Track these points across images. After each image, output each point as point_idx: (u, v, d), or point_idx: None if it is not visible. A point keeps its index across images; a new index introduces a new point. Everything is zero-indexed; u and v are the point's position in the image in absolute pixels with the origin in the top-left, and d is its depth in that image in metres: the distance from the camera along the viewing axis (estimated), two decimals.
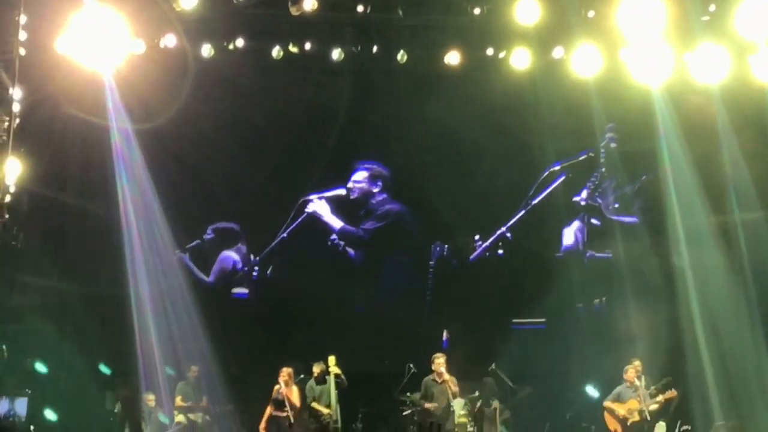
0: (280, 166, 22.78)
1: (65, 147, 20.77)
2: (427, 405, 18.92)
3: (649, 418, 18.92)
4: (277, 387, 19.27)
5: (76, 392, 20.75)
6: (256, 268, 23.35)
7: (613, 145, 22.46)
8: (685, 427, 19.83)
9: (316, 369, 19.82)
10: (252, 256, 23.34)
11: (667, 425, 19.37)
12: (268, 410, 19.49)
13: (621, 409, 19.16)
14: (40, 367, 21.06)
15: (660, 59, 19.16)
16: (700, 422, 19.82)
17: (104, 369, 21.57)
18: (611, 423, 19.32)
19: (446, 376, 18.99)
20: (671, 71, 19.39)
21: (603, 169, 22.72)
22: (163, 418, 20.27)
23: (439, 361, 19.12)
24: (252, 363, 21.65)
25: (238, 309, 23.14)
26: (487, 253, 23.41)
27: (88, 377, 20.95)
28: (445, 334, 22.60)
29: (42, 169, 20.05)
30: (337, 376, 19.62)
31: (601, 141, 22.39)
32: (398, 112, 22.82)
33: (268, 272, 23.44)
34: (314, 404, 19.66)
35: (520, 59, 20.01)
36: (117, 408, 20.77)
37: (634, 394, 19.01)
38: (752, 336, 20.50)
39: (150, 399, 20.19)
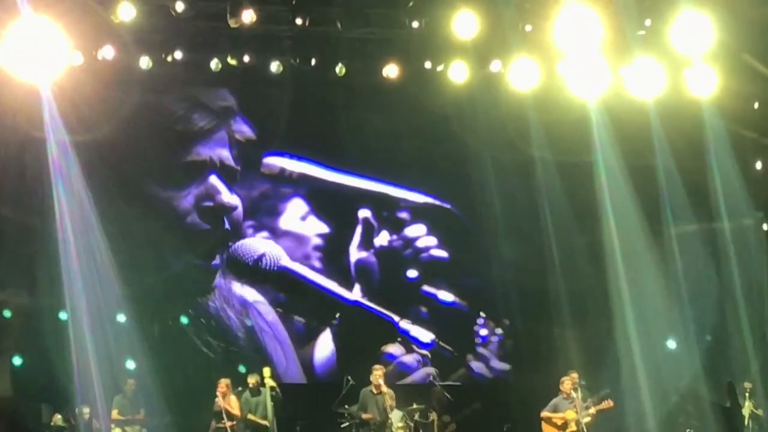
0: None
1: (1, 158, 20.54)
2: (365, 416, 18.93)
3: (585, 430, 19.05)
4: (216, 399, 19.26)
5: None
6: None
7: None
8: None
9: (251, 380, 19.81)
10: None
11: None
12: (213, 425, 19.44)
13: (558, 420, 19.30)
14: None
15: (596, 73, 19.33)
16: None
17: None
18: None
19: (384, 388, 19.01)
20: (607, 85, 19.57)
21: None
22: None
23: (378, 373, 19.13)
24: (190, 375, 21.56)
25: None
26: None
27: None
28: None
29: None
30: (272, 388, 19.63)
31: None
32: (334, 124, 22.88)
33: None
34: (250, 416, 19.64)
35: (458, 72, 20.10)
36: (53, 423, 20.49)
37: (571, 405, 19.13)
38: (686, 348, 20.74)
39: (86, 412, 19.99)
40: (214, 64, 20.23)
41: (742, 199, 21.12)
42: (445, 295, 23.53)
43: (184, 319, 22.83)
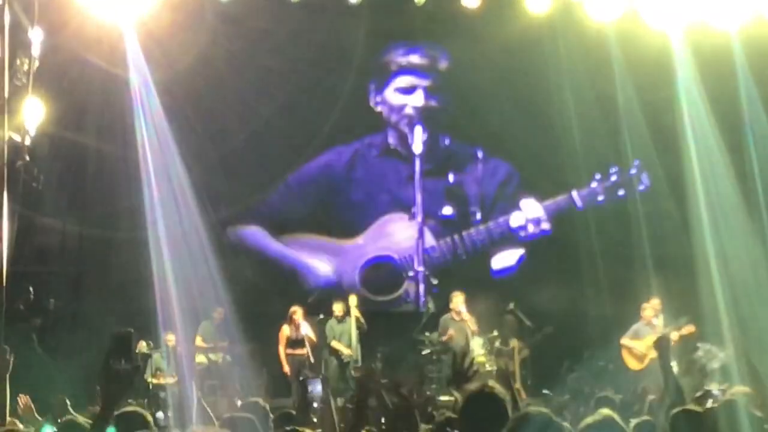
0: (297, 109, 22.76)
1: (84, 90, 20.74)
2: (445, 337, 19.00)
3: None
4: (287, 326, 19.46)
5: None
6: None
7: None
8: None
9: (337, 308, 19.99)
10: None
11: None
12: (283, 351, 19.63)
13: (640, 346, 19.26)
14: None
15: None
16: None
17: None
18: (629, 361, 19.45)
19: (464, 315, 19.07)
20: (689, 15, 19.42)
21: None
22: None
23: (458, 299, 19.20)
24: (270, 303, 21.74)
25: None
26: None
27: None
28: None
29: (61, 112, 20.11)
30: (357, 318, 19.80)
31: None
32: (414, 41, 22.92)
33: None
34: (334, 343, 19.83)
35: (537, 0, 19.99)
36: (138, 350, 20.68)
37: (652, 331, 19.07)
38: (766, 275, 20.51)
39: (170, 339, 20.22)
40: None
41: None
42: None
43: None
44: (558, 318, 21.04)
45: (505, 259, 23.15)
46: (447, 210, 23.02)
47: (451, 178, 23.27)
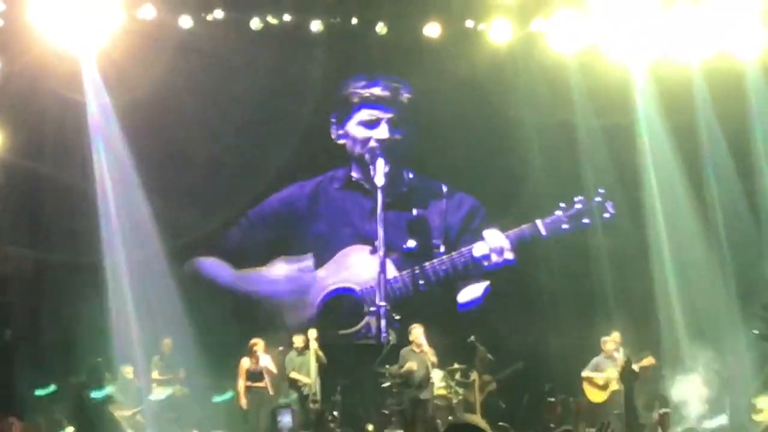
0: (259, 139, 22.64)
1: (42, 118, 20.54)
2: (406, 367, 18.90)
3: None
4: (247, 359, 19.39)
5: None
6: None
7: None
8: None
9: (297, 341, 19.94)
10: None
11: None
12: (242, 384, 19.52)
13: (599, 379, 19.26)
14: None
15: (637, 35, 19.29)
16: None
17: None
18: (591, 393, 19.45)
19: (425, 347, 18.99)
20: (650, 47, 19.52)
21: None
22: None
23: (417, 332, 19.11)
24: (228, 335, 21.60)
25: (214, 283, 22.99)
26: None
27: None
28: None
29: (19, 140, 20.01)
30: (316, 352, 19.75)
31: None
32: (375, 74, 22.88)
33: None
34: (293, 374, 19.76)
35: (499, 31, 20.00)
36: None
37: (612, 364, 19.10)
38: (728, 310, 20.61)
39: (127, 371, 20.01)
40: (255, 23, 20.19)
41: None
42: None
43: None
44: (521, 350, 21.04)
45: (471, 292, 23.02)
46: (410, 243, 22.91)
47: (414, 211, 23.16)
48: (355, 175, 23.17)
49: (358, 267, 22.92)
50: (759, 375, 19.09)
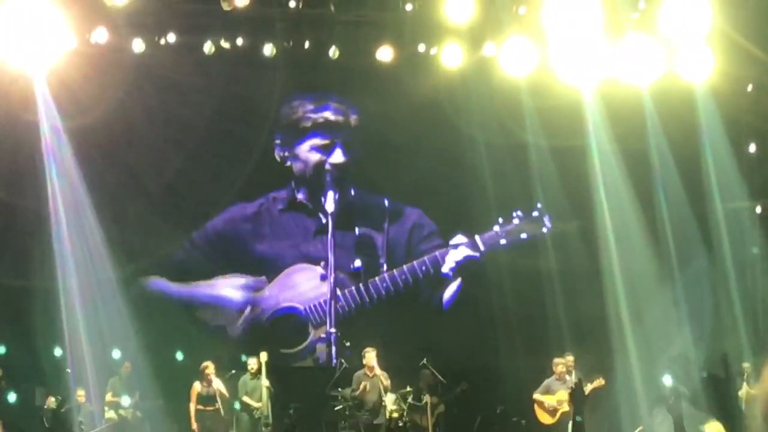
0: (213, 161, 22.68)
1: None
2: (360, 388, 18.97)
3: None
4: (199, 383, 19.37)
5: None
6: None
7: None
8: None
9: (252, 363, 19.91)
10: None
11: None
12: (193, 408, 19.49)
13: (551, 401, 19.35)
14: None
15: (589, 58, 19.37)
16: (627, 417, 19.93)
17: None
18: (541, 415, 19.53)
19: (377, 371, 19.06)
20: (601, 70, 19.62)
21: None
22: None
23: (370, 356, 19.19)
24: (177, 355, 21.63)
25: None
26: None
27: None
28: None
29: None
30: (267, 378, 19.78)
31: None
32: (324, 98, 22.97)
33: None
34: (245, 398, 19.77)
35: (451, 55, 20.09)
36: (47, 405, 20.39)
37: (564, 386, 19.20)
38: (679, 330, 20.75)
39: (80, 395, 19.97)
40: (208, 47, 20.16)
41: (735, 182, 21.19)
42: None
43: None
44: (471, 373, 21.11)
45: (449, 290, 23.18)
46: (357, 263, 22.94)
47: (357, 230, 23.20)
48: (299, 196, 23.22)
49: (303, 286, 22.98)
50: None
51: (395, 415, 19.25)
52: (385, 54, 20.40)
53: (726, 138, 20.72)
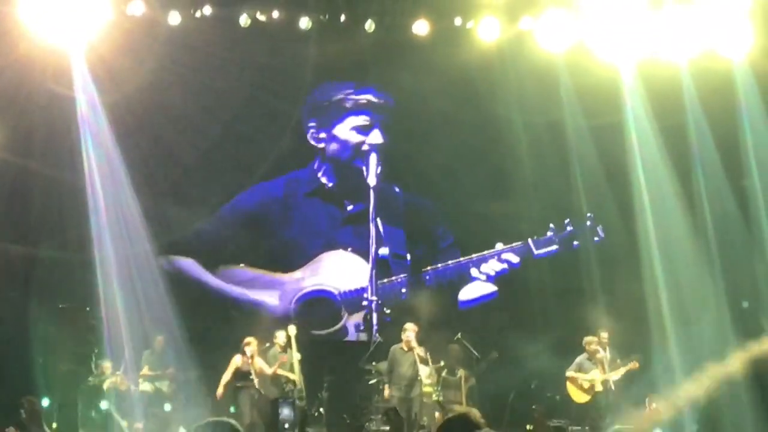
0: (246, 135, 22.68)
1: (31, 115, 20.52)
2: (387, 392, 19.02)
3: (613, 388, 19.01)
4: (240, 357, 19.28)
5: None
6: None
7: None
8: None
9: (280, 337, 19.86)
10: None
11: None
12: (227, 378, 19.34)
13: (584, 381, 19.24)
14: None
15: (627, 34, 19.28)
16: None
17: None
18: (574, 393, 19.45)
19: (414, 343, 18.99)
20: (639, 46, 19.51)
21: None
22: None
23: (410, 333, 19.09)
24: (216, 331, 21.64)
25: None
26: None
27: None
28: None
29: (7, 135, 19.99)
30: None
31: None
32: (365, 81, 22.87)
33: None
34: (280, 371, 19.69)
35: (488, 29, 19.98)
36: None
37: (596, 365, 19.11)
38: (716, 307, 20.57)
39: (106, 367, 19.90)
40: (243, 19, 20.13)
41: None
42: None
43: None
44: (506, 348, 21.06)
45: (475, 290, 23.22)
46: (383, 251, 22.99)
47: (379, 222, 23.22)
48: (323, 180, 23.32)
49: (335, 272, 23.25)
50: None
51: (429, 389, 19.11)
52: (421, 27, 20.28)
53: (765, 114, 20.48)
